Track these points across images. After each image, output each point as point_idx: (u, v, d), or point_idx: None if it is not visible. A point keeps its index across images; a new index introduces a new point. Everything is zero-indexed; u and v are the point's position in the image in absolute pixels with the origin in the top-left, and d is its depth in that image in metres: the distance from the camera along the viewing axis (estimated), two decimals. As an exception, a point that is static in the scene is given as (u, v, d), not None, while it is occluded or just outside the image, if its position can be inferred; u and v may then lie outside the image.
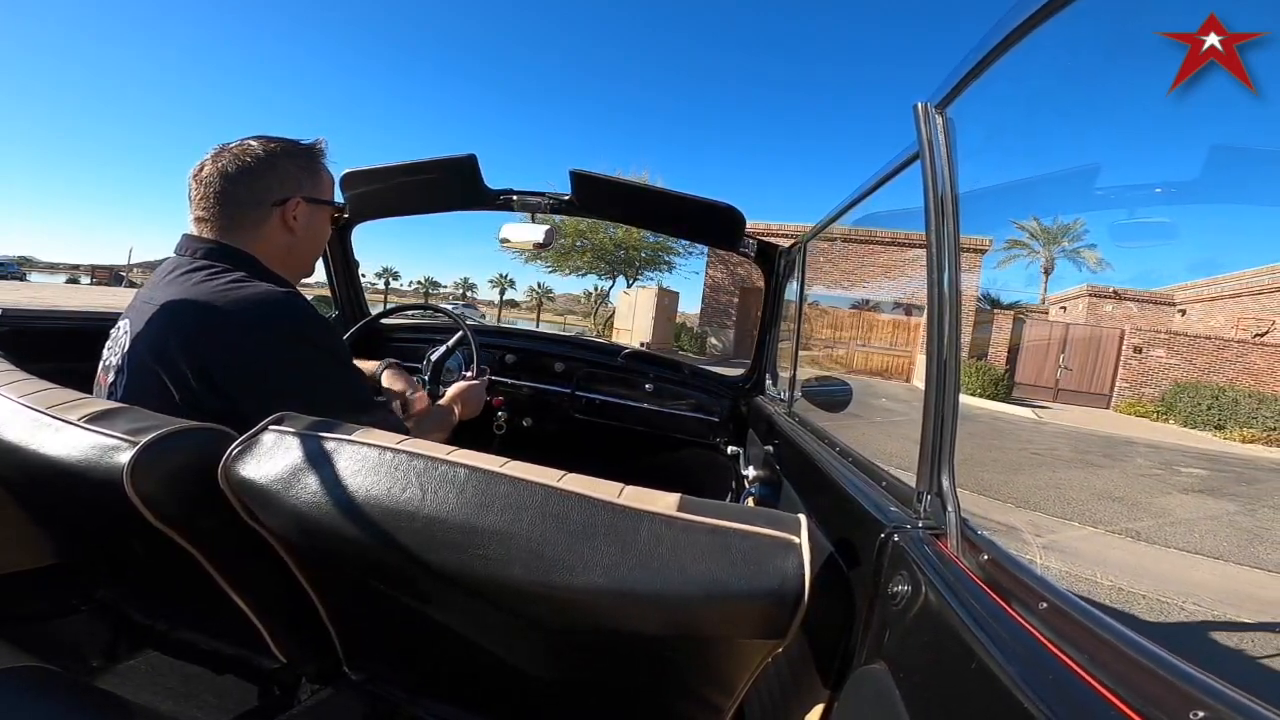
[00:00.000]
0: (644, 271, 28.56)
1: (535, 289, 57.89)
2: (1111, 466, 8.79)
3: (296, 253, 1.13)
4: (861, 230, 18.30)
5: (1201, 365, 16.97)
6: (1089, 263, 32.90)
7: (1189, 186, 1.05)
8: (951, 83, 0.82)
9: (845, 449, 1.28)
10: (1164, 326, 19.76)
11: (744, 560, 0.68)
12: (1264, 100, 0.65)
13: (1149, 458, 9.91)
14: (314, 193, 1.13)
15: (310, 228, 1.13)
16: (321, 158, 1.15)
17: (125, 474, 0.74)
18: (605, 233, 25.80)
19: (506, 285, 59.55)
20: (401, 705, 1.02)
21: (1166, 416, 16.09)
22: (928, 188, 0.85)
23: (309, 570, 0.85)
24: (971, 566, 0.67)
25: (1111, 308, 21.99)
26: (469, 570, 0.71)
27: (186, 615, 1.08)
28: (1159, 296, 22.56)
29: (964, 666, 0.54)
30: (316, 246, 1.16)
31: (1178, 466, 9.20)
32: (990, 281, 35.98)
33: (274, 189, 1.09)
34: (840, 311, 20.14)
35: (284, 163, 1.09)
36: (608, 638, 0.79)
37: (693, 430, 2.45)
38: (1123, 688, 0.43)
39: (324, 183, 1.15)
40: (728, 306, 22.37)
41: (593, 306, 27.33)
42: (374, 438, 0.79)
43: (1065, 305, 25.14)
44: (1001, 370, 16.80)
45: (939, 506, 0.78)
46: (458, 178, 2.06)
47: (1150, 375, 17.34)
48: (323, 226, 1.16)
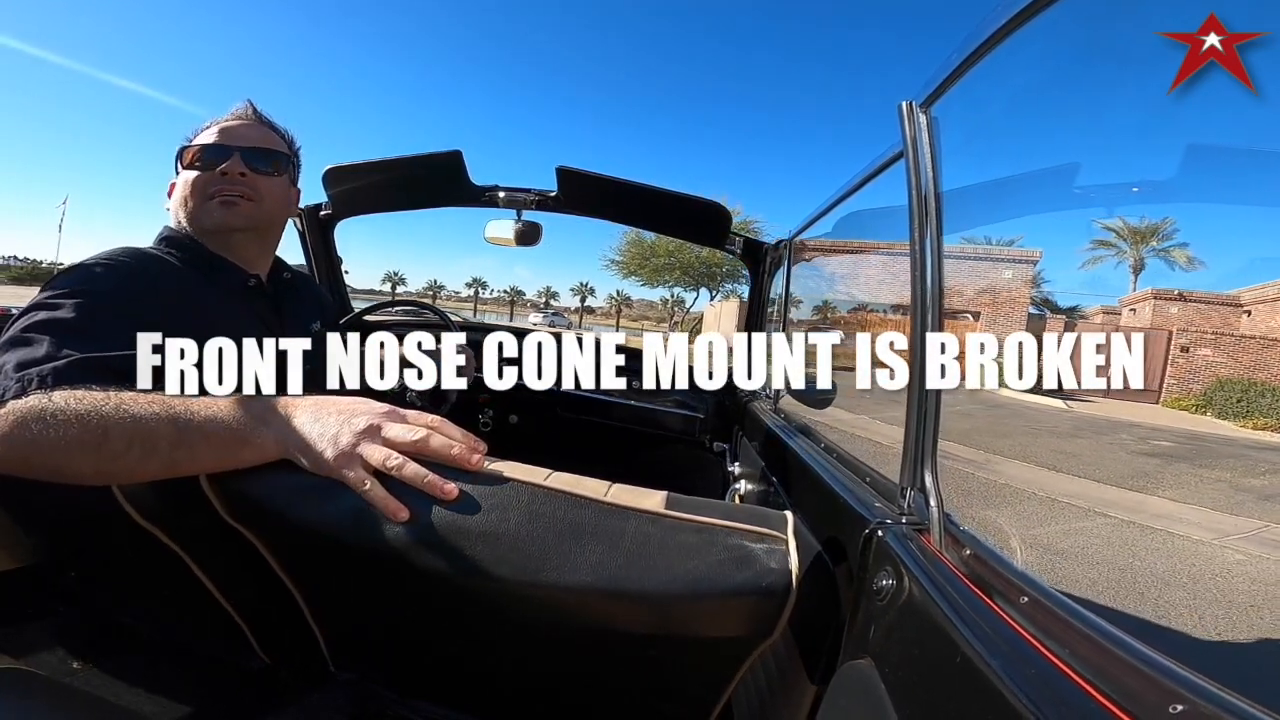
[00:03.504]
0: (724, 284, 33.78)
1: (614, 296, 62.56)
2: (1094, 438, 10.59)
3: (175, 212, 1.17)
4: (953, 248, 19.44)
5: (1247, 363, 17.95)
6: (1180, 262, 31.94)
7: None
8: (936, 81, 0.82)
9: (830, 445, 1.29)
10: (1229, 328, 20.72)
11: (731, 557, 0.69)
12: (1264, 100, 0.65)
13: (1134, 435, 11.24)
14: (176, 165, 1.19)
15: (175, 192, 1.18)
16: (190, 140, 1.19)
17: None
18: (692, 252, 29.70)
19: (586, 293, 64.27)
20: (389, 705, 1.01)
21: (1205, 409, 16.90)
22: (911, 186, 0.85)
23: (292, 570, 0.85)
24: (954, 561, 0.68)
25: (1177, 310, 22.56)
26: (456, 569, 0.71)
27: (169, 615, 1.06)
28: (1224, 299, 23.11)
29: (948, 661, 0.54)
30: (181, 202, 1.16)
31: (1153, 441, 10.79)
32: (1072, 282, 35.80)
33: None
34: (899, 318, 21.32)
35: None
36: (596, 636, 0.79)
37: (678, 427, 2.45)
38: (1103, 681, 0.44)
39: (186, 150, 1.18)
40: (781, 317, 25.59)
41: (668, 313, 31.11)
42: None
43: (1134, 308, 25.39)
44: None
45: (922, 502, 0.79)
46: (443, 174, 2.05)
47: (1197, 373, 18.36)
48: (179, 188, 1.18)
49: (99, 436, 0.71)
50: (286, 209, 1.27)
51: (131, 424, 0.72)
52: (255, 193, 1.16)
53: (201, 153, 1.15)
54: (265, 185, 1.18)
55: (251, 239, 1.21)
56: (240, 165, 1.15)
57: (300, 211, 2.22)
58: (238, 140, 1.16)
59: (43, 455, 0.71)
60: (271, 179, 1.20)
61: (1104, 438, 10.73)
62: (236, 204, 1.14)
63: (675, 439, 2.46)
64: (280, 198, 1.23)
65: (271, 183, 1.20)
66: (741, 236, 2.21)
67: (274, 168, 1.20)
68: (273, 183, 1.20)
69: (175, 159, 1.18)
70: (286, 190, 1.26)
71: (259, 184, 1.17)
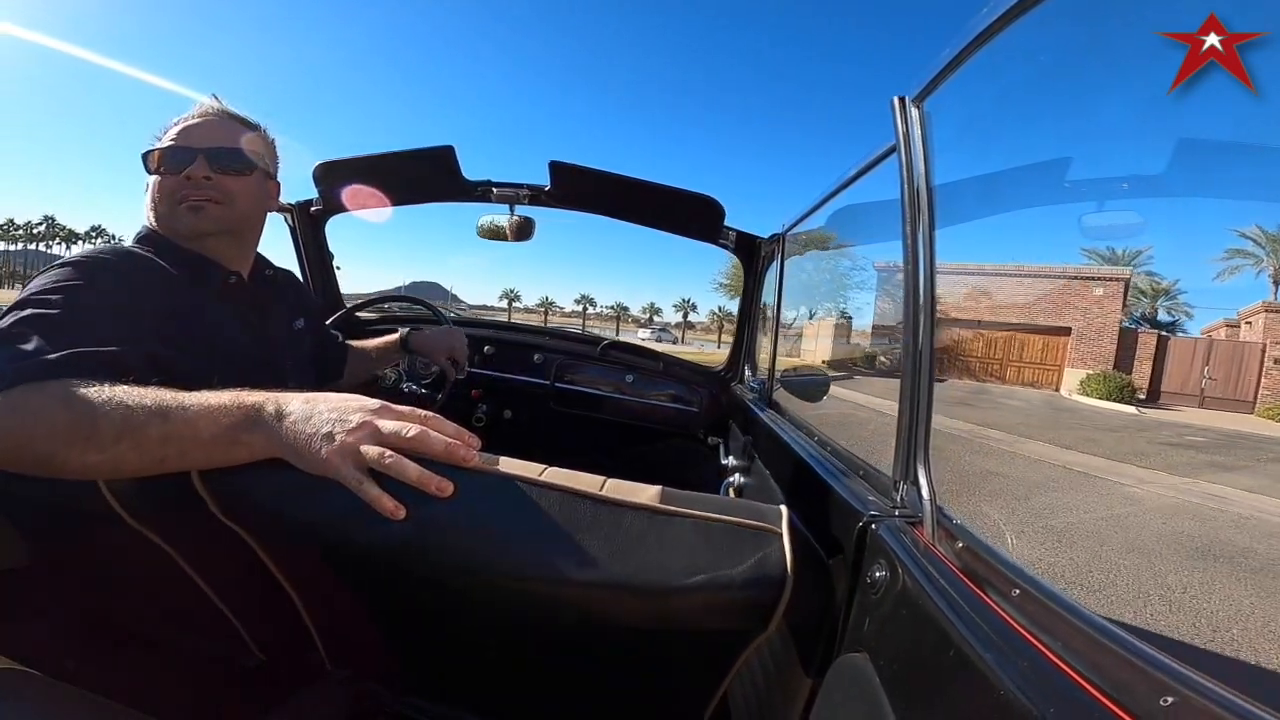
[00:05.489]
0: (823, 305, 35.20)
1: (715, 312, 67.38)
2: (1129, 432, 11.90)
3: (152, 216, 1.14)
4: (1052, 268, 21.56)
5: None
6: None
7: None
8: (929, 75, 0.82)
9: (824, 439, 1.29)
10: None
11: (726, 551, 0.69)
12: (1264, 100, 0.66)
13: (1174, 432, 12.50)
14: (146, 169, 1.15)
15: (149, 196, 1.14)
16: (161, 133, 1.15)
17: None
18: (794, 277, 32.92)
19: (689, 309, 70.14)
20: (385, 701, 1.01)
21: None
22: (903, 181, 0.85)
23: (287, 567, 0.84)
24: (948, 554, 0.68)
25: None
26: (451, 566, 0.71)
27: (164, 614, 1.06)
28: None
29: (942, 654, 0.55)
30: (155, 208, 1.13)
31: (1186, 436, 11.93)
32: (1206, 295, 35.42)
33: None
34: (994, 334, 22.94)
35: None
36: (591, 630, 0.79)
37: (672, 421, 2.46)
38: (1095, 673, 0.44)
39: (150, 154, 1.14)
40: (895, 330, 25.78)
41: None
42: None
43: (1250, 320, 25.52)
44: (1125, 378, 19.08)
45: (915, 495, 0.80)
46: (435, 169, 2.04)
47: (1294, 383, 19.24)
48: (151, 193, 1.15)
49: (88, 429, 0.71)
50: (262, 205, 1.23)
51: (120, 418, 0.71)
52: (224, 194, 1.12)
53: (165, 156, 1.10)
54: (234, 186, 1.14)
55: (227, 240, 1.17)
56: (204, 168, 1.10)
57: (290, 208, 2.21)
58: (201, 141, 1.12)
59: (31, 446, 0.71)
60: (241, 178, 1.15)
61: (1143, 433, 11.94)
62: (204, 208, 1.10)
63: (669, 433, 2.46)
64: (252, 196, 1.19)
65: (241, 182, 1.15)
66: (735, 231, 2.20)
67: (242, 166, 1.16)
68: (242, 182, 1.16)
69: (142, 162, 1.14)
70: (260, 186, 1.21)
71: (227, 185, 1.13)
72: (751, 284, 2.35)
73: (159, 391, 0.75)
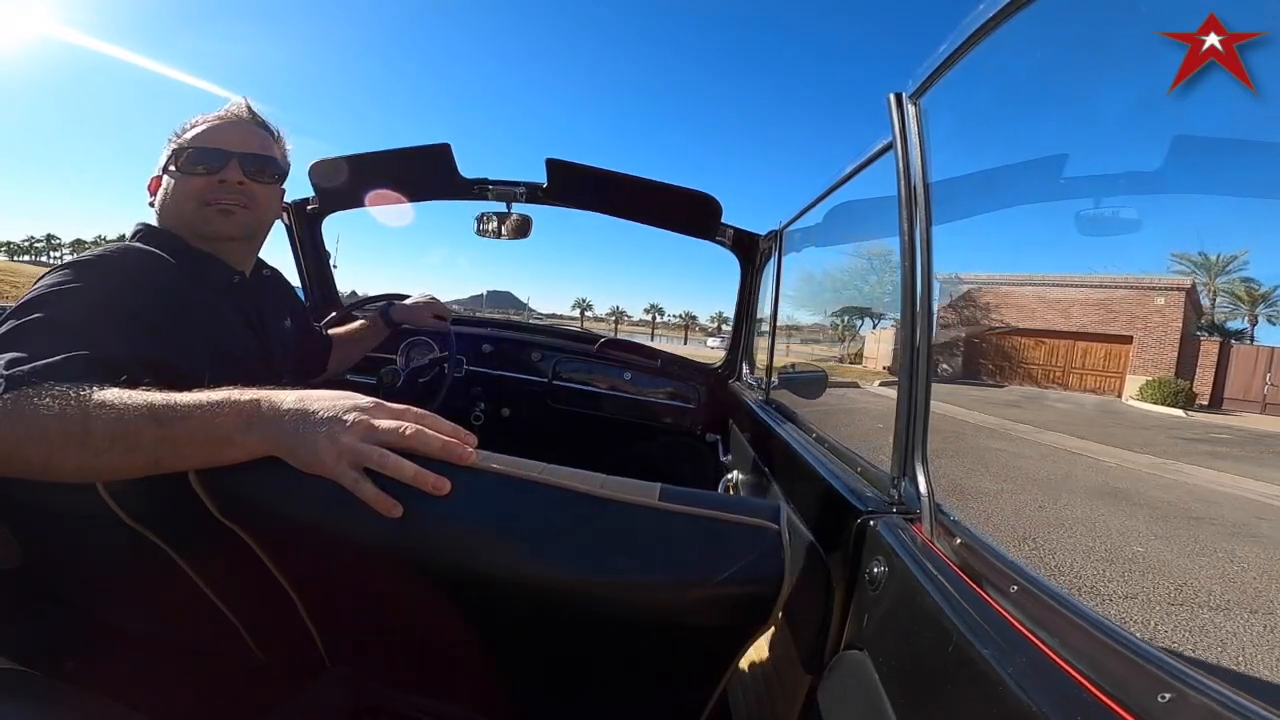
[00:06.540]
0: (886, 315, 36.20)
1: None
2: (1163, 430, 12.50)
3: (165, 212, 1.14)
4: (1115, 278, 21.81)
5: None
6: None
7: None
8: (926, 72, 0.82)
9: (821, 435, 1.29)
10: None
11: (725, 547, 0.69)
12: (1264, 100, 0.66)
13: (1203, 429, 13.06)
14: (168, 165, 1.15)
15: (166, 193, 1.15)
16: (180, 136, 1.15)
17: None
18: (854, 289, 33.28)
19: None
20: (384, 699, 1.01)
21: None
22: (900, 177, 0.85)
23: (286, 566, 0.84)
24: (945, 550, 0.68)
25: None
26: (449, 564, 0.71)
27: (163, 614, 1.06)
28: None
29: (940, 650, 0.55)
30: (175, 206, 1.13)
31: (1214, 435, 12.46)
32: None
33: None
34: (1056, 342, 23.42)
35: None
36: (591, 627, 0.79)
37: (671, 418, 2.46)
38: (1093, 669, 0.44)
39: (172, 155, 1.15)
40: (956, 340, 26.48)
41: (839, 336, 35.06)
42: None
43: None
44: (1182, 384, 19.22)
45: (913, 492, 0.80)
46: (432, 167, 2.04)
47: (1356, 388, 19.54)
48: (172, 190, 1.15)
49: (80, 434, 0.70)
50: (278, 212, 1.25)
51: (115, 421, 0.71)
52: (253, 201, 1.13)
53: (199, 156, 1.11)
54: (262, 194, 1.15)
55: (244, 243, 1.18)
56: (239, 173, 1.11)
57: (287, 207, 2.21)
58: (236, 145, 1.12)
59: (24, 453, 0.70)
60: (269, 187, 1.17)
61: (1170, 430, 12.66)
62: (234, 213, 1.11)
63: (668, 430, 2.47)
64: (275, 203, 1.21)
65: (268, 191, 1.17)
66: (732, 228, 2.20)
67: (271, 176, 1.17)
68: (270, 190, 1.17)
69: (168, 157, 1.14)
70: (281, 196, 1.24)
71: (256, 192, 1.14)
72: (749, 281, 2.35)
73: (152, 393, 0.74)
